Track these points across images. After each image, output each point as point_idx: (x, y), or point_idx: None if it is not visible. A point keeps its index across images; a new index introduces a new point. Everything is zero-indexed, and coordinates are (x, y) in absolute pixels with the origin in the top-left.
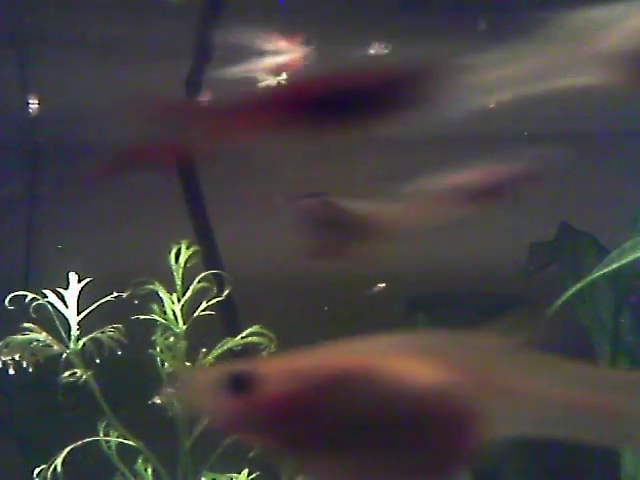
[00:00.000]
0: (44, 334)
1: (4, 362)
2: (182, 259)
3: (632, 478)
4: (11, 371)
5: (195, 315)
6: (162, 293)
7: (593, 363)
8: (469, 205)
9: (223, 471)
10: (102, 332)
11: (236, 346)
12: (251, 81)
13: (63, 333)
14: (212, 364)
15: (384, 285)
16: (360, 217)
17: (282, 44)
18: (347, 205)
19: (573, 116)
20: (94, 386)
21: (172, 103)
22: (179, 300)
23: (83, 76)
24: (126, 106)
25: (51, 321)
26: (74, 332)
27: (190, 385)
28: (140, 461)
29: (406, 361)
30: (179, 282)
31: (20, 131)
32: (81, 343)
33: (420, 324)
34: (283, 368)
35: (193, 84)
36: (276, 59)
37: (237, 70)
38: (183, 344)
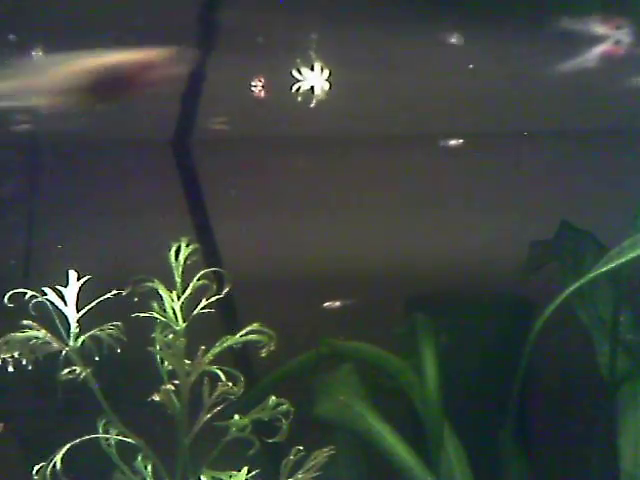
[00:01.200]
0: (43, 331)
1: (3, 359)
2: (182, 257)
3: (631, 475)
4: (10, 368)
5: (195, 313)
6: (162, 291)
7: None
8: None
9: (222, 469)
10: (101, 330)
11: (236, 344)
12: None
13: (62, 331)
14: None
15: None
16: None
17: (603, 29)
18: None
19: (572, 114)
20: (93, 383)
21: None
22: (179, 298)
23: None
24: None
25: (51, 319)
26: (73, 330)
27: None
28: (140, 459)
29: None
30: (179, 280)
31: (20, 128)
32: (80, 340)
33: (419, 324)
34: None
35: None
36: (598, 47)
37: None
38: (182, 342)
